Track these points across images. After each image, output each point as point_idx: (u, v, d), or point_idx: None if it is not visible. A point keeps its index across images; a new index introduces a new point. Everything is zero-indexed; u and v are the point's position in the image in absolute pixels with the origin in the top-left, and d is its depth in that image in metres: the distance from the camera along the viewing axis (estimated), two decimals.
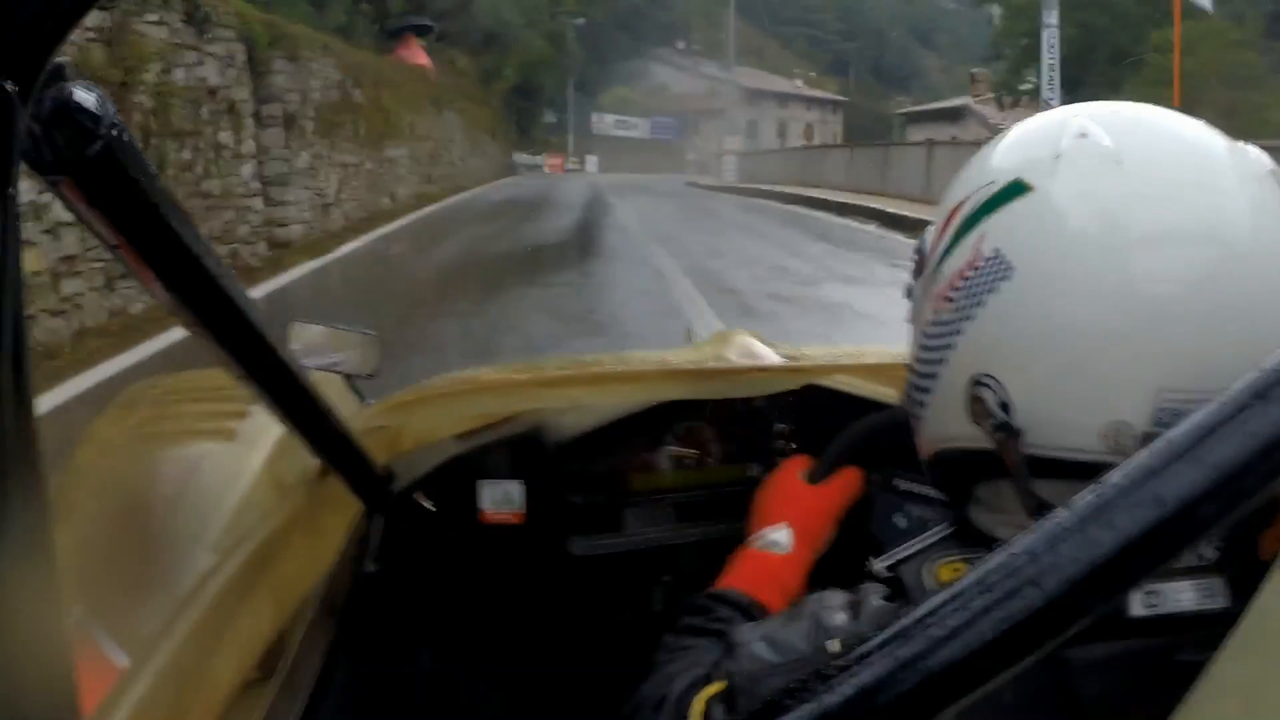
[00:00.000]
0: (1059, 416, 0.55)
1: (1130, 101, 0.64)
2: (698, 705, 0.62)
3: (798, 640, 0.61)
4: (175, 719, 0.65)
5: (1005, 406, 0.56)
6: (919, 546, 0.64)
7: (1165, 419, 0.52)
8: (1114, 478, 0.37)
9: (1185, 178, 0.56)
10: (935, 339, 0.63)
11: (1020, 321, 0.57)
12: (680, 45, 60.32)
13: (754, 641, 0.62)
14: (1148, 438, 0.52)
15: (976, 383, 0.58)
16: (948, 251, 0.63)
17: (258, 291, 7.59)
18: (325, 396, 0.80)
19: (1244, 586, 0.54)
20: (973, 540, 0.63)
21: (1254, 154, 0.59)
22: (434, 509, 1.18)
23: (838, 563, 0.84)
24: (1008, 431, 0.56)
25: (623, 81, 54.06)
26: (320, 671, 0.88)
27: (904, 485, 0.94)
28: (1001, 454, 0.57)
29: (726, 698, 0.61)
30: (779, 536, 0.88)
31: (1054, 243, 0.56)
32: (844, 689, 0.36)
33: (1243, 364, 0.51)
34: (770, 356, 1.40)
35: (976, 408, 0.58)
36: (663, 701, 0.68)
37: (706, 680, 0.64)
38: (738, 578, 0.85)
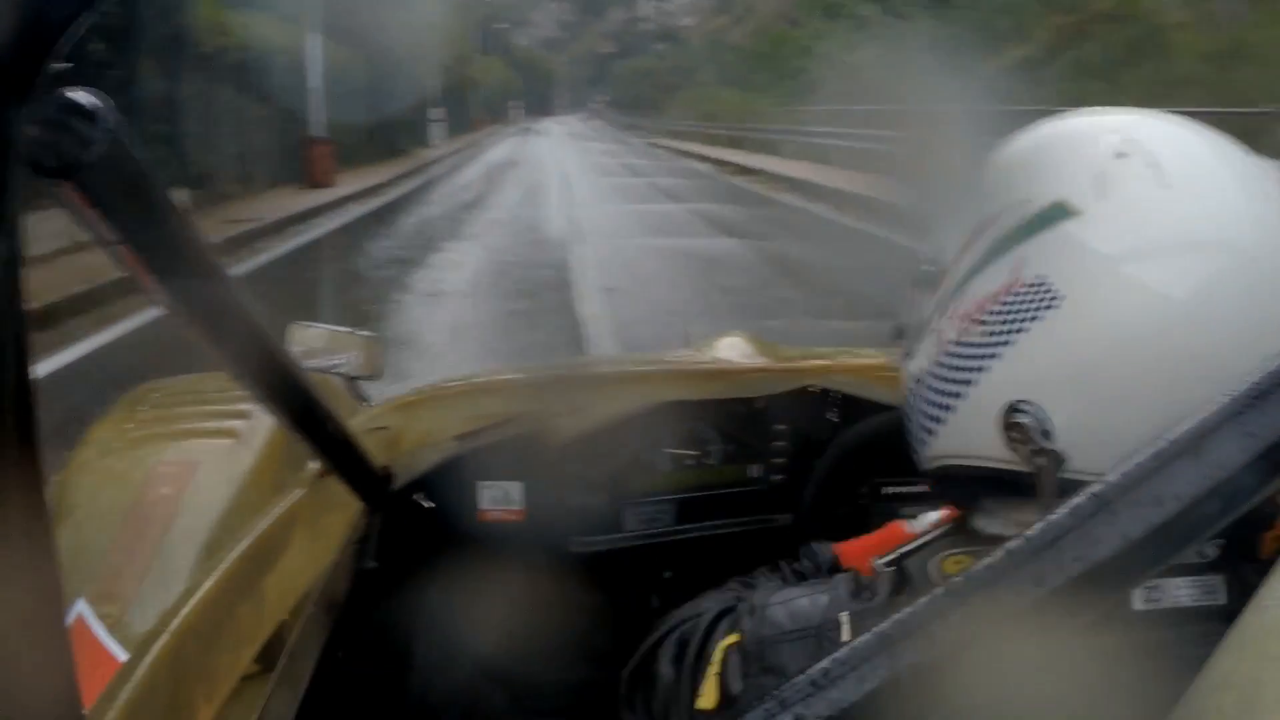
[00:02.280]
0: (1103, 445, 0.54)
1: (1151, 109, 0.63)
2: (718, 653, 0.64)
3: (812, 611, 0.62)
4: (175, 712, 0.65)
5: (1046, 433, 0.55)
6: (922, 541, 0.64)
7: None
8: (1114, 477, 0.37)
9: (1231, 198, 0.56)
10: (962, 359, 0.61)
11: (1066, 350, 0.55)
12: None
13: (772, 605, 0.64)
14: None
15: (1014, 409, 0.57)
16: (975, 271, 0.62)
17: None
18: (325, 397, 0.80)
19: (1243, 584, 0.55)
20: (976, 536, 0.62)
21: (1275, 168, 0.59)
22: (433, 507, 1.18)
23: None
24: (1050, 458, 0.55)
25: None
26: (318, 666, 0.88)
27: (893, 490, 0.94)
28: (1039, 478, 0.56)
29: (741, 651, 0.63)
30: None
31: (1102, 273, 0.55)
32: (845, 676, 0.36)
33: None
34: (769, 358, 1.40)
35: (1015, 434, 0.56)
36: (695, 626, 0.70)
37: (733, 625, 0.65)
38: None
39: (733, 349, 1.47)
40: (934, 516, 0.80)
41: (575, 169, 21.74)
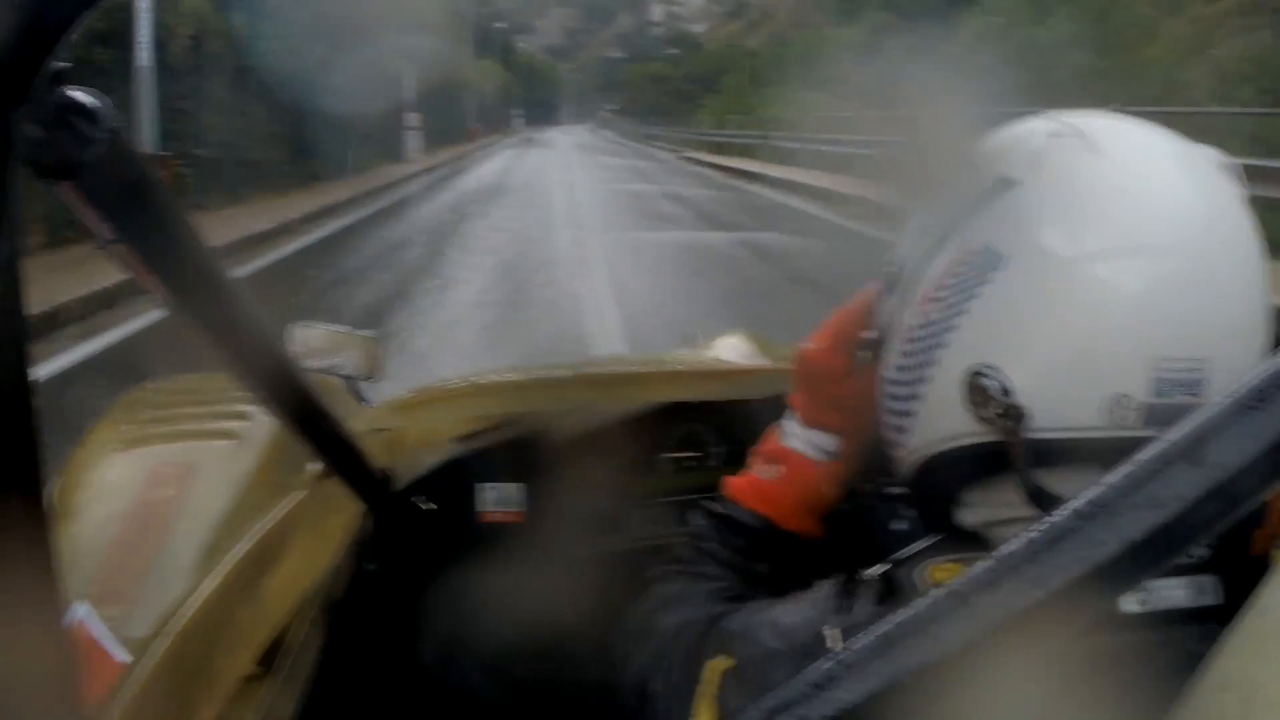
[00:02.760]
0: (1060, 396, 0.56)
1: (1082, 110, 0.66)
2: (710, 674, 0.63)
3: (802, 628, 0.62)
4: (176, 713, 0.65)
5: (1007, 392, 0.57)
6: (911, 551, 0.64)
7: (1164, 388, 0.55)
8: (1114, 479, 0.37)
9: (1161, 159, 0.59)
10: (922, 341, 0.63)
11: (1015, 308, 0.58)
12: None
13: (761, 627, 0.64)
14: (1150, 409, 0.54)
15: (977, 374, 0.58)
16: (930, 256, 0.64)
17: None
18: (325, 398, 0.80)
19: (1236, 584, 0.55)
20: (965, 543, 0.63)
21: (1205, 149, 0.62)
22: (434, 509, 1.18)
23: (840, 570, 0.84)
24: (1013, 415, 0.56)
25: None
26: (320, 668, 0.88)
27: (895, 490, 0.94)
28: (1005, 440, 0.57)
29: (737, 676, 0.63)
30: (824, 443, 0.80)
31: (1043, 228, 0.57)
32: (845, 678, 0.36)
33: (1232, 329, 0.55)
34: (770, 358, 1.40)
35: (977, 397, 0.58)
36: (678, 634, 0.70)
37: (720, 646, 0.65)
38: (760, 490, 0.81)
39: (733, 349, 1.47)
40: (796, 426, 0.82)
41: (595, 203, 13.44)
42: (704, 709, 0.63)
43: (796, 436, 0.82)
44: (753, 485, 0.82)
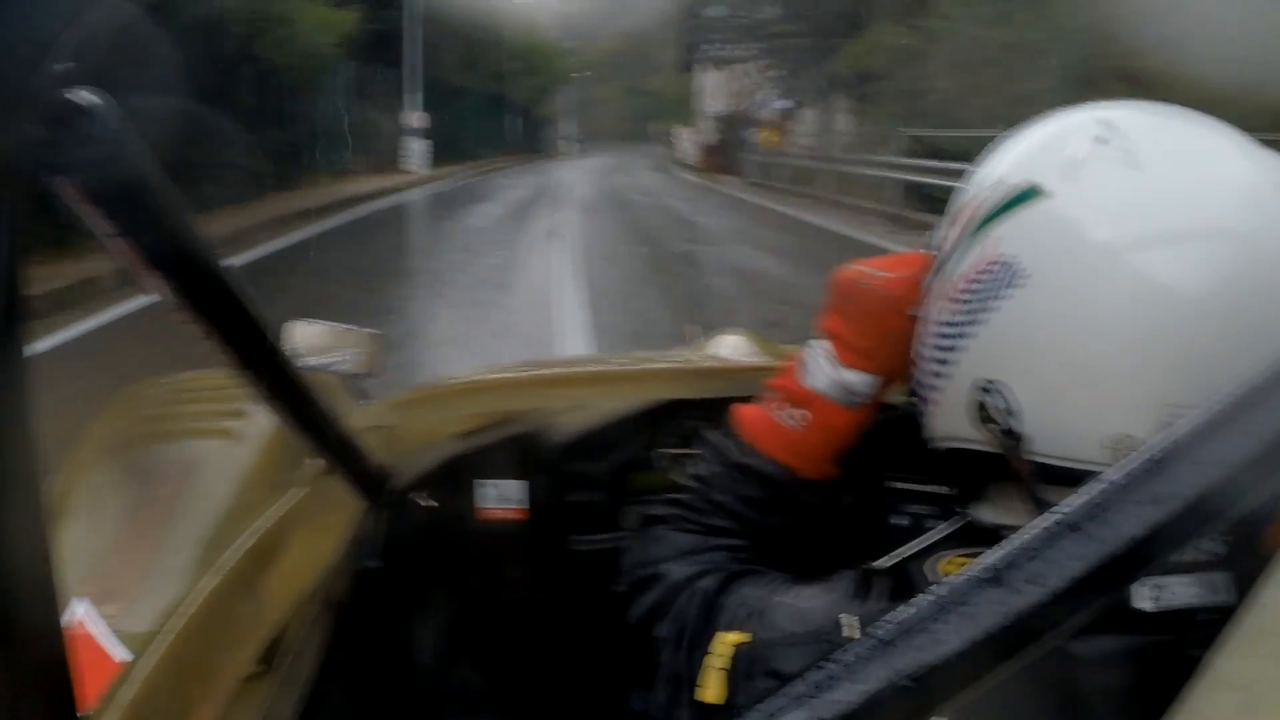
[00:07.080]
0: (1064, 426, 0.55)
1: (1146, 101, 0.63)
2: (721, 646, 0.63)
3: (819, 613, 0.61)
4: (177, 712, 0.65)
5: (1010, 413, 0.56)
6: (924, 544, 0.64)
7: None
8: (1114, 475, 0.37)
9: (1204, 185, 0.56)
10: (944, 339, 0.63)
11: (1030, 328, 0.56)
12: None
13: (779, 608, 0.63)
14: None
15: (983, 389, 0.57)
16: (959, 252, 0.63)
17: None
18: (325, 395, 0.80)
19: (1249, 582, 0.54)
20: (977, 537, 0.62)
21: (1275, 158, 0.58)
22: (435, 506, 1.18)
23: (840, 567, 0.84)
24: (1012, 438, 0.56)
25: None
26: (321, 666, 0.88)
27: (898, 486, 0.94)
28: (1008, 459, 0.57)
29: (750, 654, 0.62)
30: (857, 384, 0.76)
31: (1068, 250, 0.55)
32: (842, 678, 0.36)
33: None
34: (770, 356, 1.40)
35: (982, 413, 0.57)
36: (690, 588, 0.69)
37: (733, 620, 0.65)
38: (782, 436, 0.76)
39: (734, 348, 1.47)
40: (825, 363, 0.76)
41: None
42: (712, 680, 0.62)
43: (824, 376, 0.77)
44: (774, 430, 0.77)
